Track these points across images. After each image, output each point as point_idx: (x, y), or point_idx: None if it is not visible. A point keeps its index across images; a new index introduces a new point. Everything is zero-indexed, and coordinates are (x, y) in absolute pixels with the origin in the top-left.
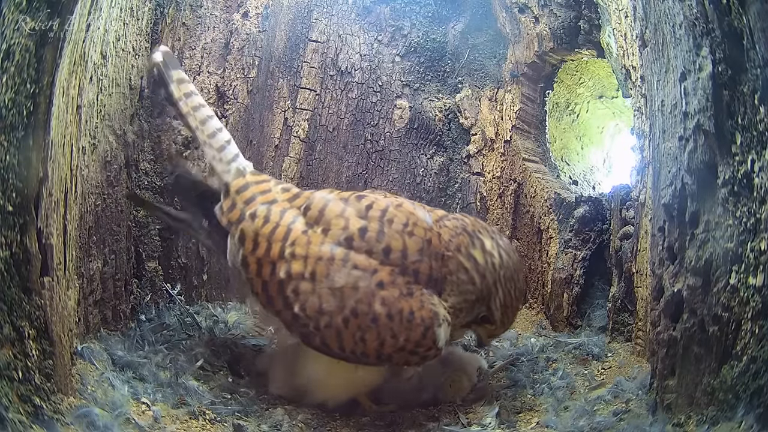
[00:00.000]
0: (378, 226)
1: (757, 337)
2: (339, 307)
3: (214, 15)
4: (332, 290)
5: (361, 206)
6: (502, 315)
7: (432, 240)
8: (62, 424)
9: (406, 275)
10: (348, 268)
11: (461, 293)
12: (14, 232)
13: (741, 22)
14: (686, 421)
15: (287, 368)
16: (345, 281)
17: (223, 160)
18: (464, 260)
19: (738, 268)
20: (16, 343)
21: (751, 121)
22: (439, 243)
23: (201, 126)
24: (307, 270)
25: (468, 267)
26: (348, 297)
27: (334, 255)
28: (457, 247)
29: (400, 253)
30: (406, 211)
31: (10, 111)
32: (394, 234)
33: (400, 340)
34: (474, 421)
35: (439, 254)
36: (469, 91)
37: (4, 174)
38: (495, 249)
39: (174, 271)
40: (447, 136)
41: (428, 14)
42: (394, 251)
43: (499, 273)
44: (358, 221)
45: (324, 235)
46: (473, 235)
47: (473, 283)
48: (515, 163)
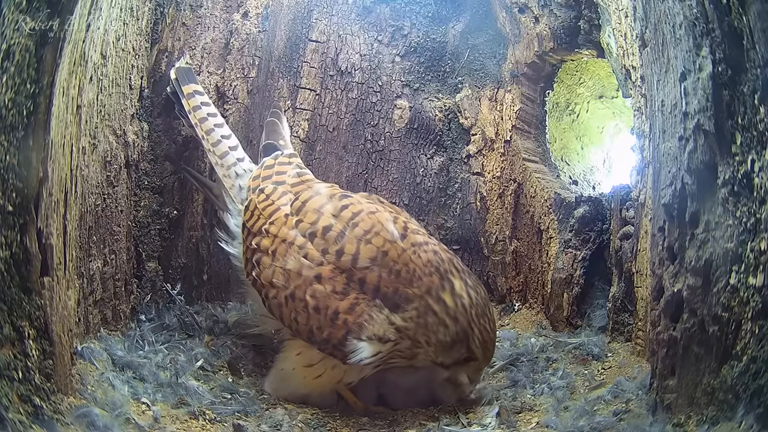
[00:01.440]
0: (341, 228)
1: (757, 337)
2: (284, 285)
3: (214, 15)
4: (283, 270)
5: (338, 206)
6: (483, 351)
7: (389, 252)
8: (62, 424)
9: (351, 280)
10: (300, 255)
11: (432, 333)
12: (14, 232)
13: (741, 22)
14: (686, 421)
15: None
16: (293, 266)
17: (224, 165)
18: (433, 303)
19: (738, 268)
20: (16, 343)
21: (751, 121)
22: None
23: (206, 135)
24: (271, 247)
25: (437, 310)
26: (291, 279)
27: (294, 241)
28: (428, 290)
29: (351, 257)
30: (374, 219)
31: (10, 111)
32: (352, 238)
33: (324, 333)
34: (474, 421)
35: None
36: (469, 91)
37: (4, 174)
38: (464, 290)
39: (174, 271)
40: (447, 136)
41: (428, 14)
42: (346, 254)
43: (470, 313)
44: (327, 219)
45: (297, 223)
46: (444, 276)
47: (445, 325)
48: (515, 163)
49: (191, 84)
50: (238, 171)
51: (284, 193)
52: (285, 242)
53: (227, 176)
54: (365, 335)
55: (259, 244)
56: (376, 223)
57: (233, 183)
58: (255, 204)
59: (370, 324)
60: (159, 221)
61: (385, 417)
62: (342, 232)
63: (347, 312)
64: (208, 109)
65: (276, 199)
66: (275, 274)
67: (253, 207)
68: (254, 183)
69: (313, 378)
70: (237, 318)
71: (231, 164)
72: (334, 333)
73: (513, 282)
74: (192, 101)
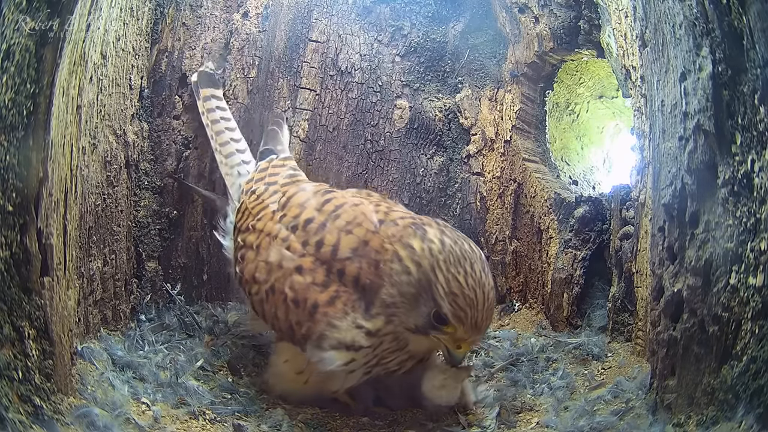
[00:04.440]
0: (323, 220)
1: (757, 337)
2: (265, 279)
3: (214, 15)
4: (265, 263)
5: (322, 200)
6: (453, 307)
7: (370, 243)
8: (62, 424)
9: (331, 271)
10: (281, 248)
11: (396, 285)
12: (14, 232)
13: (741, 22)
14: (686, 421)
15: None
16: (274, 258)
17: (227, 165)
18: (400, 249)
19: (738, 268)
20: (16, 343)
21: (751, 121)
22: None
23: (216, 136)
24: (255, 242)
25: (403, 255)
26: (272, 272)
27: (278, 234)
28: (398, 238)
29: (332, 248)
30: (358, 211)
31: (10, 111)
32: (333, 229)
33: (303, 329)
34: (474, 422)
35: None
36: (469, 91)
37: (4, 174)
38: (437, 237)
39: (174, 271)
40: (447, 136)
41: (428, 14)
42: (326, 245)
43: (437, 258)
44: (310, 213)
45: (281, 218)
46: (418, 226)
47: (408, 272)
48: (515, 163)
49: (209, 88)
50: (241, 171)
51: (274, 192)
52: (269, 236)
53: (229, 174)
54: (328, 344)
55: (245, 240)
56: (358, 214)
57: (234, 181)
58: (246, 205)
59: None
60: (159, 221)
61: (384, 417)
62: (323, 224)
63: (326, 305)
64: (222, 113)
65: (266, 198)
66: (258, 269)
67: (244, 208)
68: (247, 185)
69: (302, 383)
70: (237, 318)
71: (236, 164)
72: (312, 328)
73: (513, 282)
74: (207, 104)
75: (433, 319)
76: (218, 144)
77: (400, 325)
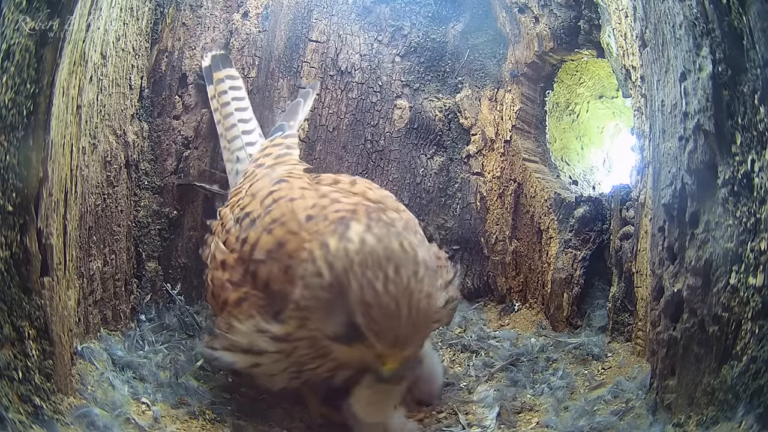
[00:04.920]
0: (257, 215)
1: (757, 337)
2: (210, 268)
3: (214, 15)
4: (212, 252)
5: (268, 191)
6: (366, 318)
7: (287, 245)
8: (62, 424)
9: (247, 271)
10: (220, 240)
11: (308, 287)
12: (14, 232)
13: (741, 22)
14: (686, 421)
15: None
16: (213, 249)
17: (229, 149)
18: (316, 248)
19: (738, 268)
20: (16, 343)
21: (751, 121)
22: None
23: (223, 120)
24: (216, 229)
25: (317, 255)
26: (211, 261)
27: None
28: (320, 233)
29: (250, 247)
30: (288, 207)
31: (10, 111)
32: (258, 227)
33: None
34: (474, 422)
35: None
36: (469, 91)
37: (4, 174)
38: (358, 234)
39: (174, 271)
40: (447, 136)
41: (428, 14)
42: (248, 243)
43: (352, 259)
44: (252, 206)
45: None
46: (344, 221)
47: (320, 275)
48: (515, 163)
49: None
50: (240, 156)
51: (255, 176)
52: (224, 226)
53: (229, 160)
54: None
55: (212, 225)
56: (287, 211)
57: (232, 167)
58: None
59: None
60: (159, 221)
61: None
62: (254, 220)
63: (234, 305)
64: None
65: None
66: (210, 257)
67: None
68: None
69: None
70: None
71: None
72: (221, 323)
73: (513, 282)
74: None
75: (351, 328)
76: (224, 128)
77: (315, 331)
